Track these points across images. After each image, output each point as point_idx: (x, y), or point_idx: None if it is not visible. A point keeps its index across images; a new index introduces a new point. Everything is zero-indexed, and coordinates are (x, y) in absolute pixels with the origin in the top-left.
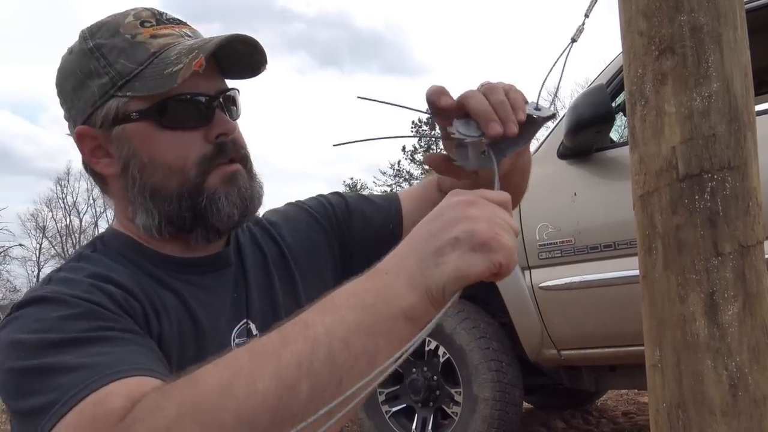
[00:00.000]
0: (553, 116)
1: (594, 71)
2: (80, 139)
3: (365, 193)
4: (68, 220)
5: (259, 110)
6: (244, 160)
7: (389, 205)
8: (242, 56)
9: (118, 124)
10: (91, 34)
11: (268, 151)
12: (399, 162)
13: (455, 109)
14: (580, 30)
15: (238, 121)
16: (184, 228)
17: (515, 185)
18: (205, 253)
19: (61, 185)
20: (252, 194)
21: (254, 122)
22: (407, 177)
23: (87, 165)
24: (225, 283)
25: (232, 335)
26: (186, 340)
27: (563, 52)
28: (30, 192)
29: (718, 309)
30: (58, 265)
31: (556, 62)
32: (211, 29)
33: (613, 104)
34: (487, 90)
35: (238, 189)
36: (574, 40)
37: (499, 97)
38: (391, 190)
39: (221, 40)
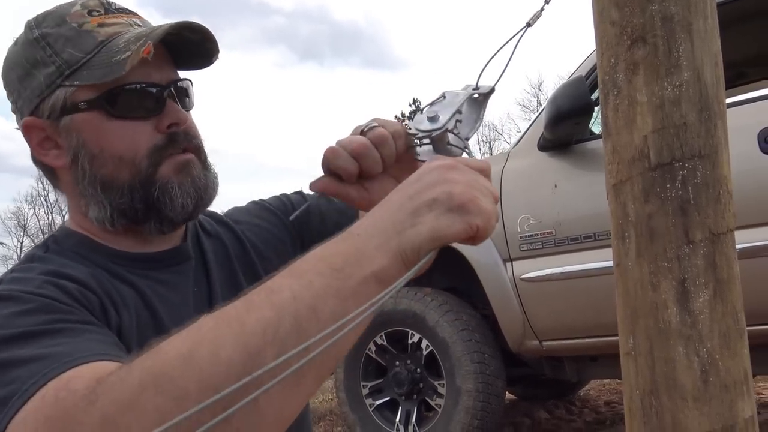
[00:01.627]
0: (492, 91)
1: (574, 64)
2: (27, 131)
3: None
4: (50, 218)
5: (240, 105)
6: (198, 150)
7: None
8: (194, 45)
9: (66, 114)
10: (37, 23)
11: (249, 146)
12: None
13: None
14: (537, 15)
15: (191, 111)
16: (137, 220)
17: None
18: (161, 248)
19: (42, 183)
20: (206, 183)
21: (235, 117)
22: None
23: (35, 158)
24: (185, 278)
25: None
26: (146, 334)
27: (516, 34)
28: (9, 190)
29: (689, 296)
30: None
31: (506, 42)
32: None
33: (593, 96)
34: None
35: (192, 179)
36: (529, 25)
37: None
38: None
39: (169, 26)
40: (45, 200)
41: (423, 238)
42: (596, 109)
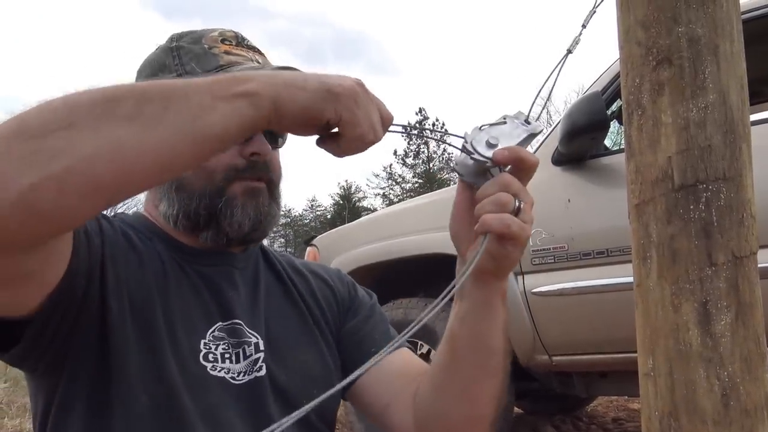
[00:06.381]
0: (540, 132)
1: (588, 78)
2: None
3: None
4: None
5: None
6: (271, 182)
7: (382, 338)
8: None
9: None
10: (178, 37)
11: None
12: (391, 165)
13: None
14: (576, 41)
15: (279, 151)
16: (198, 225)
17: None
18: (214, 250)
19: None
20: (268, 212)
21: None
22: (399, 180)
23: None
24: (224, 278)
25: (213, 327)
26: (147, 288)
27: (559, 63)
28: None
29: (711, 319)
30: None
31: (551, 74)
32: (191, 25)
33: (608, 111)
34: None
35: (256, 204)
36: (570, 51)
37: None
38: (384, 194)
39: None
40: None
41: (293, 101)
42: (611, 125)
